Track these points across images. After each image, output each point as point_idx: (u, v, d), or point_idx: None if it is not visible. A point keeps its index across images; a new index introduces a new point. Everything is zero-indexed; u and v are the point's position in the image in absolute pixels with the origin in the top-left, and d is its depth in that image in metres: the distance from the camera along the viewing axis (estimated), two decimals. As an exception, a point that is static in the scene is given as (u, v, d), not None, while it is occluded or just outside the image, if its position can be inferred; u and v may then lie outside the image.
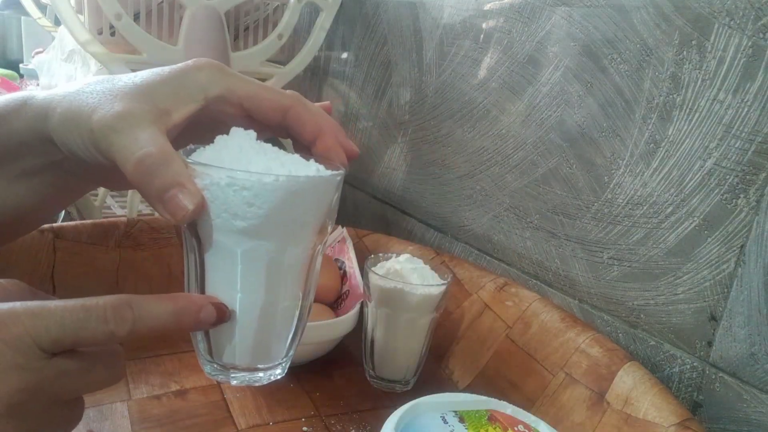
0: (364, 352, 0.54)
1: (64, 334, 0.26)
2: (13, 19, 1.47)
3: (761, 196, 0.42)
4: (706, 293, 0.46)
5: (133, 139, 0.28)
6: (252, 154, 0.30)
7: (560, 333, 0.50)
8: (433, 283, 0.51)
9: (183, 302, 0.29)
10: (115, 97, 0.30)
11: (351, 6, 0.86)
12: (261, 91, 0.34)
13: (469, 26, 0.66)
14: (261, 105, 0.33)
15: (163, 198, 0.28)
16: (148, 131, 0.29)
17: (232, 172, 0.28)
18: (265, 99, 0.33)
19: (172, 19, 0.74)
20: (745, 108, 0.43)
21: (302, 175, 0.30)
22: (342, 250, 0.64)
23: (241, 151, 0.30)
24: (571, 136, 0.55)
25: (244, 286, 0.31)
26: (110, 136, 0.29)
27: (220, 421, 0.45)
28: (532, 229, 0.60)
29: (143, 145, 0.28)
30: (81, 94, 0.31)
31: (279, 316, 0.33)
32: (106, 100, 0.30)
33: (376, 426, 0.38)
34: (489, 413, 0.37)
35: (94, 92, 0.31)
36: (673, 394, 0.42)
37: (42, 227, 0.54)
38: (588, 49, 0.53)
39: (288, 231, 0.30)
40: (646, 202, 0.49)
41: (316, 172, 0.31)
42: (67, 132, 0.31)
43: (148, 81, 0.31)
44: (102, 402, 0.45)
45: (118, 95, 0.30)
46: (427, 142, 0.73)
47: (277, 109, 0.34)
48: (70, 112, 0.30)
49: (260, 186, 0.28)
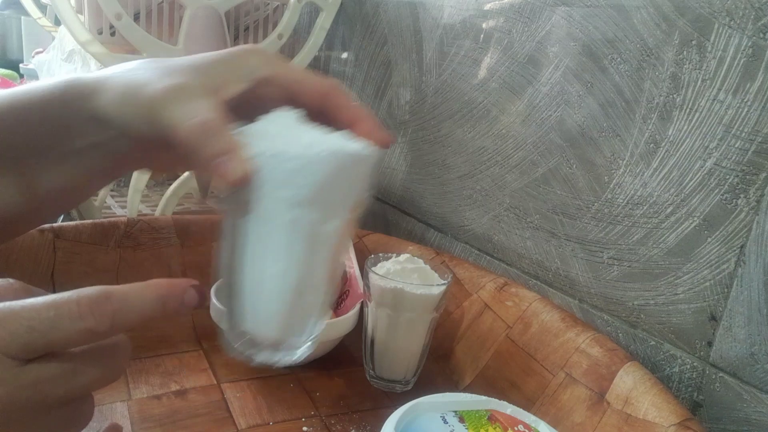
0: (365, 352, 0.54)
1: (33, 337, 0.24)
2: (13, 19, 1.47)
3: (761, 196, 0.42)
4: (706, 293, 0.46)
5: (189, 108, 0.30)
6: (298, 129, 0.32)
7: (560, 333, 0.50)
8: (434, 282, 0.51)
9: (166, 288, 0.29)
10: (171, 73, 0.31)
11: (351, 6, 0.86)
12: (304, 76, 0.35)
13: (469, 26, 0.66)
14: (303, 89, 0.35)
15: (216, 162, 0.29)
16: (203, 101, 0.30)
17: (280, 142, 0.29)
18: (307, 83, 0.35)
19: (172, 19, 0.74)
20: (745, 108, 0.43)
21: (349, 148, 0.31)
22: None
23: (288, 126, 0.32)
24: (571, 136, 0.55)
25: (286, 255, 0.31)
26: (167, 107, 0.30)
27: (220, 421, 0.45)
28: (532, 229, 0.60)
29: (198, 113, 0.30)
30: (134, 71, 0.32)
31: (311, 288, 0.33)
32: (162, 75, 0.31)
33: (376, 426, 0.38)
34: (489, 413, 0.37)
35: (148, 68, 0.32)
36: (673, 394, 0.42)
37: (42, 227, 0.54)
38: (588, 49, 0.53)
39: (331, 203, 0.31)
40: (646, 202, 0.49)
41: (361, 147, 0.32)
42: (121, 106, 0.31)
43: (202, 60, 0.33)
44: (102, 402, 0.45)
45: (174, 71, 0.32)
46: (427, 141, 0.73)
47: (318, 92, 0.35)
48: (125, 86, 0.31)
49: (307, 157, 0.29)
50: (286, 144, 0.30)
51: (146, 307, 0.27)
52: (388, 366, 0.52)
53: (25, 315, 0.25)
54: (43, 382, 0.25)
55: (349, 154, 0.31)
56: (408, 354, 0.52)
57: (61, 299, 0.25)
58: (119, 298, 0.27)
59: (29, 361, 0.25)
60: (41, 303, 0.25)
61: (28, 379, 0.25)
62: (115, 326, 0.26)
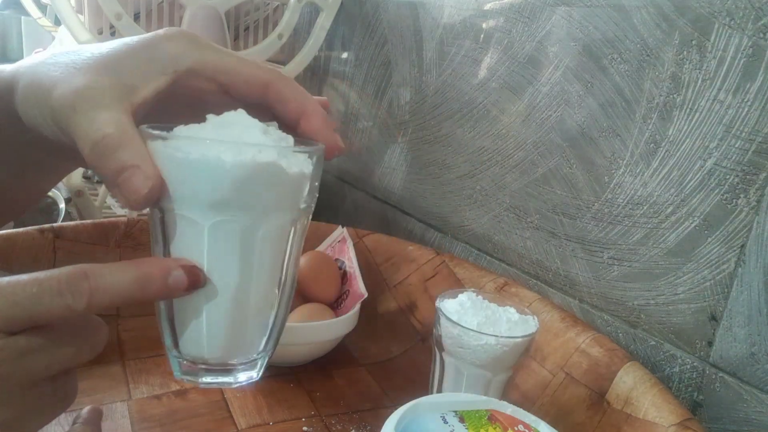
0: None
1: (17, 311, 0.25)
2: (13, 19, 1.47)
3: (761, 196, 0.42)
4: (707, 293, 0.46)
5: (90, 120, 0.27)
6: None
7: (560, 333, 0.50)
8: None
9: (147, 267, 0.27)
10: (78, 70, 0.28)
11: (351, 6, 0.86)
12: (237, 65, 0.31)
13: (469, 26, 0.66)
14: (237, 79, 0.31)
15: (117, 181, 0.27)
16: (108, 111, 0.27)
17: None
18: (241, 73, 0.31)
19: (172, 19, 0.74)
20: (746, 108, 0.43)
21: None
22: (342, 250, 0.64)
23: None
24: (572, 136, 0.55)
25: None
26: (70, 116, 0.27)
27: (220, 421, 0.45)
28: (532, 229, 0.60)
29: (100, 126, 0.27)
30: (44, 66, 0.29)
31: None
32: (68, 74, 0.28)
33: (376, 426, 0.38)
34: (489, 413, 0.37)
35: (57, 63, 0.29)
36: (673, 394, 0.42)
37: (42, 227, 0.54)
38: (588, 49, 0.53)
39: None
40: (647, 202, 0.49)
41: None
42: (30, 107, 0.29)
43: (114, 52, 0.29)
44: (102, 402, 0.45)
45: (81, 68, 0.28)
46: (427, 142, 0.73)
47: (256, 84, 0.31)
48: (33, 85, 0.29)
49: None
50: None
51: (123, 288, 0.26)
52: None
53: (9, 290, 0.25)
54: (26, 354, 0.25)
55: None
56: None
57: (44, 275, 0.26)
58: (95, 275, 0.26)
59: (12, 334, 0.25)
60: (25, 279, 0.25)
61: (13, 351, 0.25)
62: (91, 304, 0.26)
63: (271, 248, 0.30)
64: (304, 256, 0.60)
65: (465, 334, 0.42)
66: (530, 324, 0.44)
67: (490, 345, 0.42)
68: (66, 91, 0.27)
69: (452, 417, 0.36)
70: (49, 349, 0.26)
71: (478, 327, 0.42)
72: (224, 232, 0.28)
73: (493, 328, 0.43)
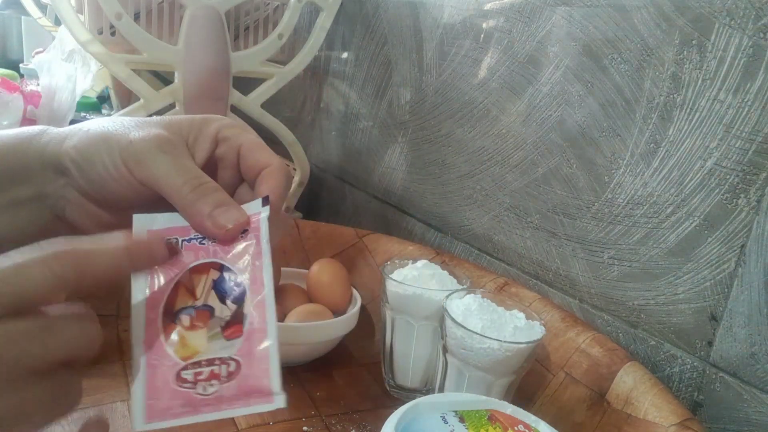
0: (383, 360, 0.53)
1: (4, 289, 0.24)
2: (13, 19, 1.47)
3: (762, 196, 0.42)
4: (707, 293, 0.46)
5: (180, 165, 0.31)
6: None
7: (560, 333, 0.50)
8: (451, 287, 0.50)
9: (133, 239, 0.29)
10: (148, 125, 0.32)
11: (351, 6, 0.86)
12: (254, 144, 0.35)
13: (469, 26, 0.66)
14: (247, 154, 0.35)
15: (214, 213, 0.30)
16: (188, 159, 0.32)
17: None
18: (254, 151, 0.34)
19: (172, 19, 0.74)
20: (746, 108, 0.43)
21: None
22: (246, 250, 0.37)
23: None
24: (572, 135, 0.55)
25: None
26: (157, 157, 0.31)
27: (221, 421, 0.45)
28: (532, 229, 0.60)
29: (194, 173, 0.31)
30: (107, 122, 0.33)
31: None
32: (138, 126, 0.32)
33: (376, 426, 0.38)
34: (489, 413, 0.37)
35: (120, 122, 0.33)
36: (674, 394, 0.42)
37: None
38: (588, 49, 0.53)
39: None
40: (647, 202, 0.49)
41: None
42: (92, 146, 0.32)
43: (170, 118, 0.34)
44: (102, 402, 0.45)
45: (148, 123, 0.33)
46: (427, 141, 0.73)
47: (257, 166, 0.34)
48: (99, 132, 0.32)
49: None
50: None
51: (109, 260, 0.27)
52: (409, 374, 0.51)
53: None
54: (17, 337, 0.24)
55: None
56: (428, 362, 0.51)
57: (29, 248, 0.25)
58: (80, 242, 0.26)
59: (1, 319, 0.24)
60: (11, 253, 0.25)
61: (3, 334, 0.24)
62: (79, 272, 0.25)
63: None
64: (317, 263, 0.60)
65: (468, 336, 0.42)
66: (536, 330, 0.44)
67: (492, 349, 0.42)
68: (148, 135, 0.31)
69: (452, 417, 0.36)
70: (41, 333, 0.25)
71: (483, 330, 0.43)
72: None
73: (497, 333, 0.43)
